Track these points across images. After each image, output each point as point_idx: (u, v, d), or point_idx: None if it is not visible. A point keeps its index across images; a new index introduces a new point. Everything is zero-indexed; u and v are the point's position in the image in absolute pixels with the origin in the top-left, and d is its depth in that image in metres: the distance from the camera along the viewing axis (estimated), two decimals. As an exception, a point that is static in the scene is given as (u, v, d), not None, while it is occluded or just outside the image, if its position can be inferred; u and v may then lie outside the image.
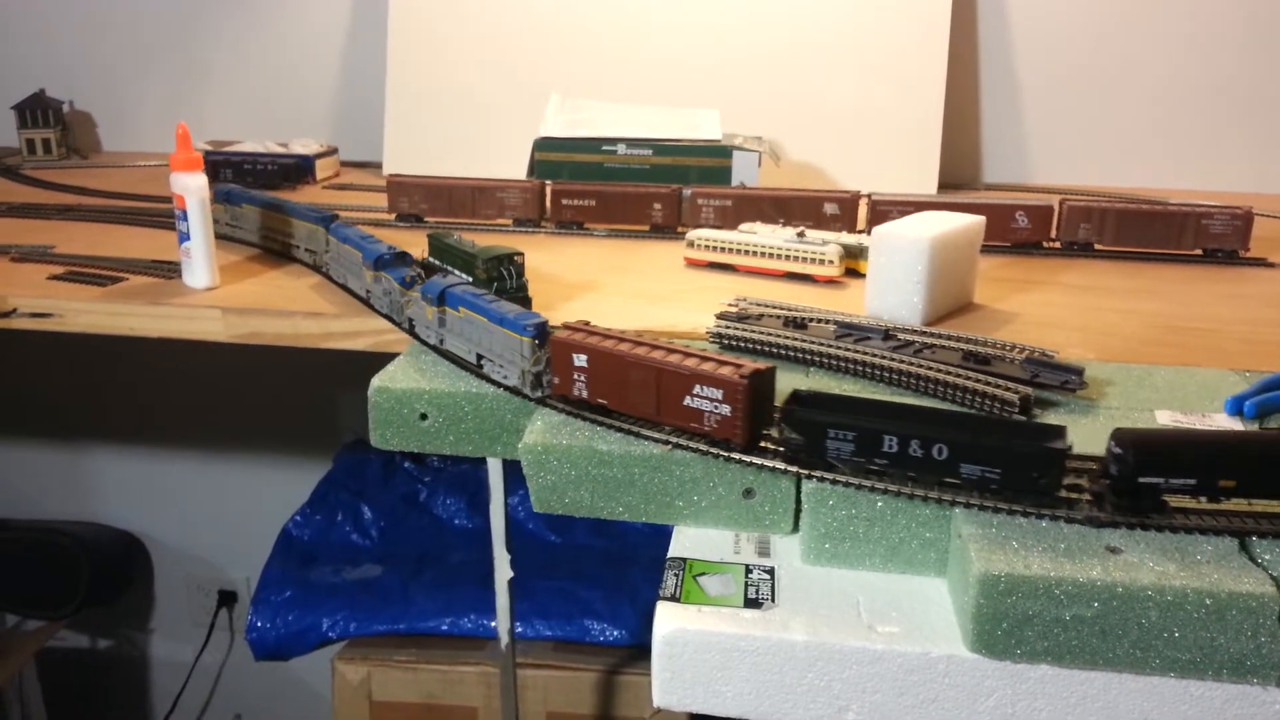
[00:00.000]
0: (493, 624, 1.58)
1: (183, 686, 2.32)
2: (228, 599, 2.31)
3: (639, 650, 1.56)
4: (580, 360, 0.84)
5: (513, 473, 1.01)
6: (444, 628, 1.60)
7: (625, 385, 0.82)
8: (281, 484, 2.17)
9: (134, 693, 2.44)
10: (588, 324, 0.87)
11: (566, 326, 0.87)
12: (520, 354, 0.88)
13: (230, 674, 2.37)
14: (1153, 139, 1.81)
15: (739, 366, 0.78)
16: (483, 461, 0.99)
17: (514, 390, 0.90)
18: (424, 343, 1.01)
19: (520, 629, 1.57)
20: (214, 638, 2.31)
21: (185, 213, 1.16)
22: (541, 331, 0.87)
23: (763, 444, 0.79)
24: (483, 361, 0.94)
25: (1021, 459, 0.69)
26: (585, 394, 0.85)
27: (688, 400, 0.79)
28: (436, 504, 1.89)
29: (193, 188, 1.16)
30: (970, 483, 0.71)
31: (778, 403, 0.79)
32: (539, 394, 0.88)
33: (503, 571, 1.09)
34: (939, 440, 0.71)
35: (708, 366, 0.78)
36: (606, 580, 1.66)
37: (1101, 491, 0.70)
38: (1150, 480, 0.67)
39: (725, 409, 0.77)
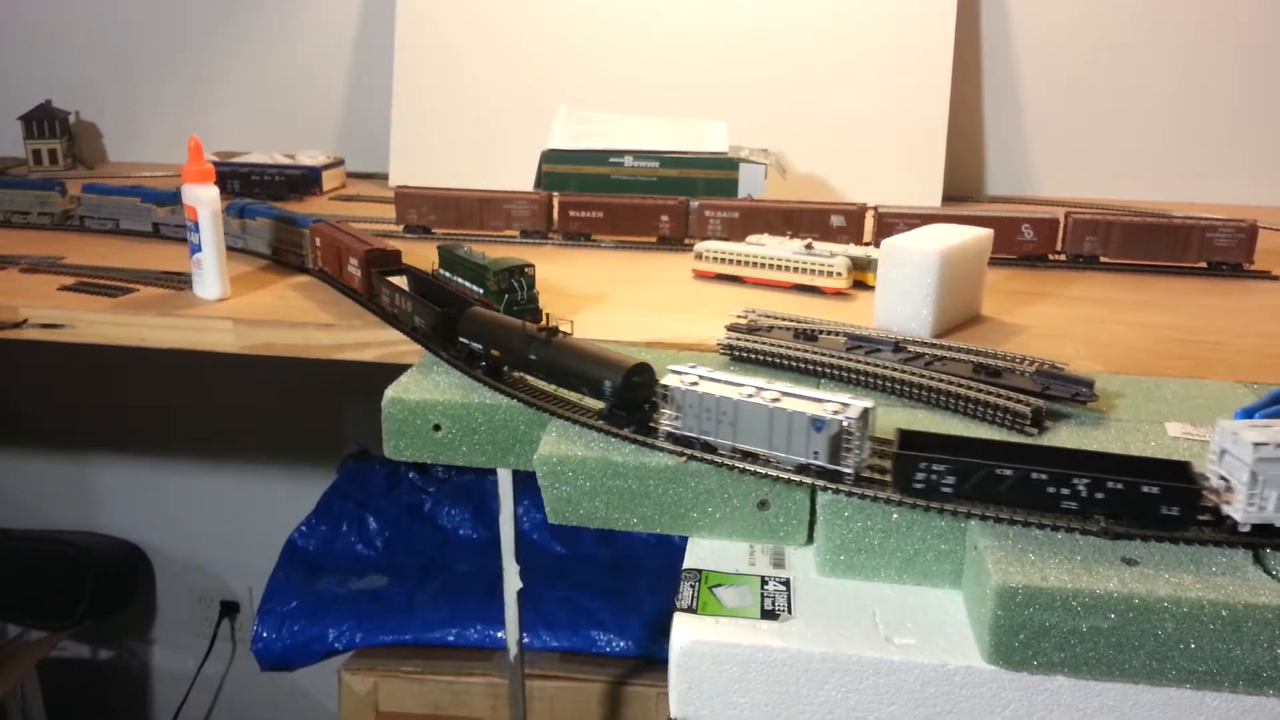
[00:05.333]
0: (499, 634, 1.57)
1: (184, 697, 2.31)
2: (230, 609, 2.31)
3: (645, 661, 1.56)
4: (317, 241, 1.25)
5: (517, 483, 1.01)
6: (450, 638, 1.60)
7: (330, 257, 1.22)
8: (285, 494, 2.17)
9: (136, 704, 2.43)
10: (340, 222, 1.25)
11: (322, 219, 1.26)
12: (300, 242, 1.27)
13: (232, 685, 2.36)
14: (1156, 152, 1.82)
15: (370, 245, 1.13)
16: (488, 472, 1.00)
17: (297, 268, 1.30)
18: (234, 248, 1.34)
19: (526, 639, 1.56)
20: (216, 648, 2.31)
21: (197, 224, 1.17)
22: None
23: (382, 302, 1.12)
24: (276, 251, 1.33)
25: (441, 320, 0.98)
26: (321, 265, 1.25)
27: (348, 267, 1.16)
28: (441, 514, 1.89)
29: (205, 199, 1.16)
30: (463, 349, 0.96)
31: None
32: (312, 268, 1.26)
33: (512, 582, 1.09)
34: (441, 312, 0.99)
35: (355, 245, 1.14)
36: (612, 590, 1.66)
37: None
38: (470, 344, 0.94)
39: (359, 272, 1.13)
